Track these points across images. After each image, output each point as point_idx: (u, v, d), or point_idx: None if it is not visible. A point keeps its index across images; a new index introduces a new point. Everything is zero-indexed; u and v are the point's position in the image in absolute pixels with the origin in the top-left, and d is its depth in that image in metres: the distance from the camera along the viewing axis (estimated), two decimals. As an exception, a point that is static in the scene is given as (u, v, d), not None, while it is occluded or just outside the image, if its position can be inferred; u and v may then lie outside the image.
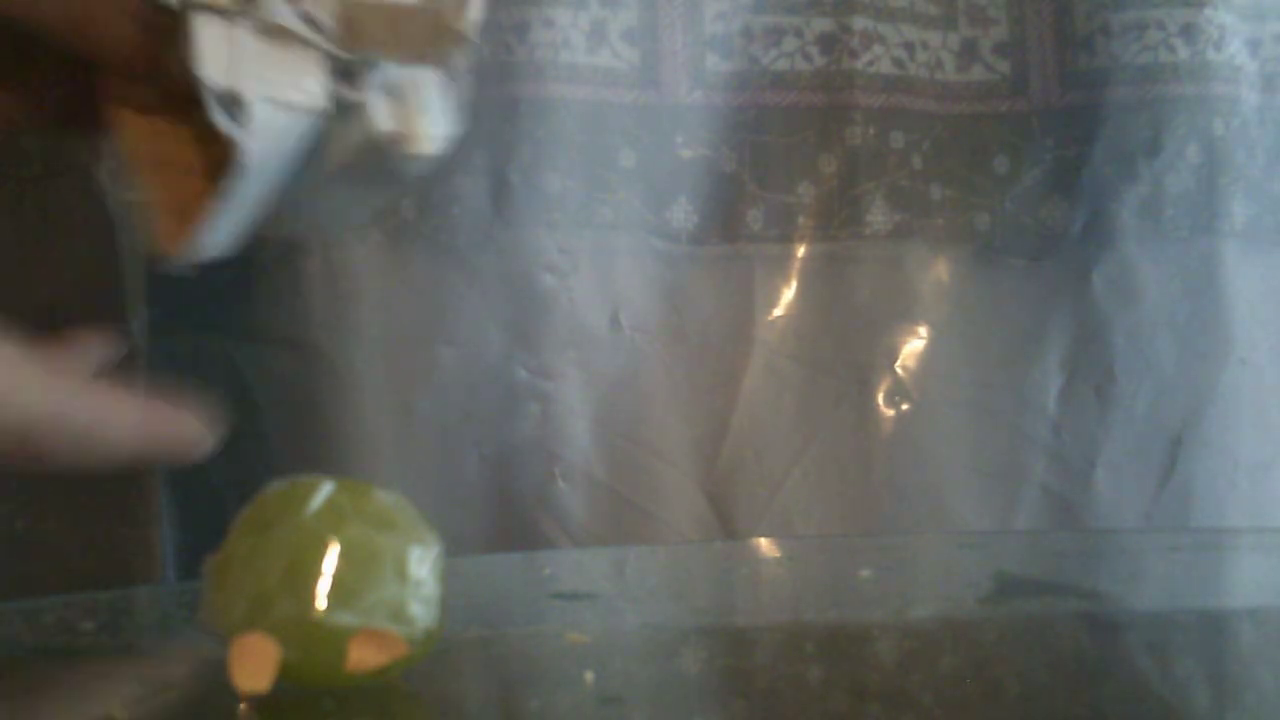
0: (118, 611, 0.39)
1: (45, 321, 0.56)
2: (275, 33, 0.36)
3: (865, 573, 0.43)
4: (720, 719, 0.29)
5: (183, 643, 0.36)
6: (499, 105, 0.53)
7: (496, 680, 0.33)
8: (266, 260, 0.54)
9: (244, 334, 0.55)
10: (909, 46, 0.56)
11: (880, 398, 0.57)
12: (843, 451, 0.57)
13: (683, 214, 0.56)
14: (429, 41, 0.37)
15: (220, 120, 0.36)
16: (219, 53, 0.36)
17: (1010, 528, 0.56)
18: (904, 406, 0.57)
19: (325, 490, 0.29)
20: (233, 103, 0.36)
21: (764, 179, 0.56)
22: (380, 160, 0.38)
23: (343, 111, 0.38)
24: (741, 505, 0.56)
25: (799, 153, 0.56)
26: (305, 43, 0.37)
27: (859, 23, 0.56)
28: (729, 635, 0.36)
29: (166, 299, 0.55)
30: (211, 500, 0.56)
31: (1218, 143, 0.56)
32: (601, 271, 0.55)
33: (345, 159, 0.38)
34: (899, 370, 0.57)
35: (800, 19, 0.56)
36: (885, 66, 0.56)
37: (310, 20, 0.37)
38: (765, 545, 0.52)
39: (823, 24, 0.56)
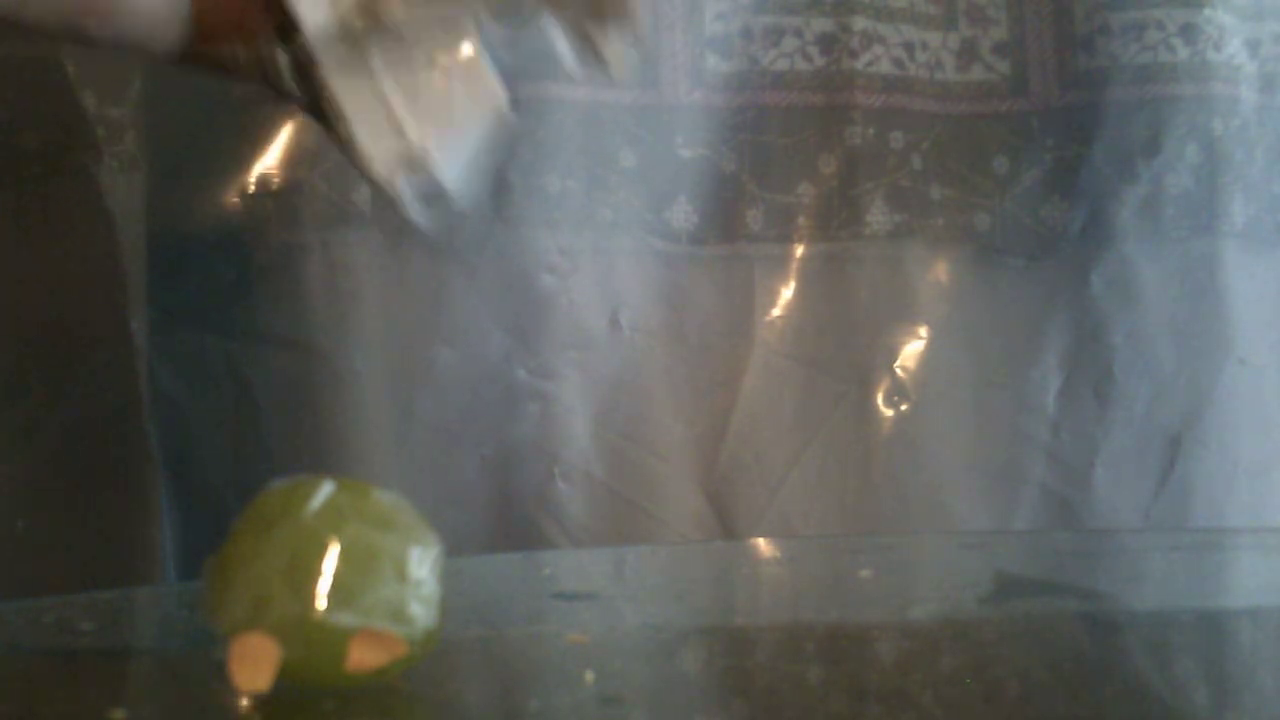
0: (118, 611, 0.39)
1: (46, 321, 0.56)
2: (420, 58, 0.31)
3: (865, 573, 0.43)
4: (720, 719, 0.29)
5: (183, 643, 0.36)
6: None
7: (496, 680, 0.33)
8: (266, 260, 0.54)
9: (244, 334, 0.55)
10: (909, 46, 0.56)
11: (880, 398, 0.57)
12: (843, 451, 0.57)
13: (683, 214, 0.56)
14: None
15: (412, 213, 0.32)
16: (383, 140, 0.31)
17: (1010, 528, 0.56)
18: (904, 406, 0.57)
19: (325, 490, 0.29)
20: (432, 198, 0.32)
21: (764, 179, 0.56)
22: None
23: None
24: (741, 505, 0.56)
25: (799, 153, 0.56)
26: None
27: (859, 23, 0.56)
28: (729, 635, 0.36)
29: (167, 298, 0.55)
30: (211, 500, 0.56)
31: (1217, 143, 0.56)
32: (601, 271, 0.55)
33: None
34: (899, 370, 0.57)
35: (800, 19, 0.56)
36: (885, 66, 0.56)
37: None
38: (765, 545, 0.52)
39: (823, 24, 0.56)
